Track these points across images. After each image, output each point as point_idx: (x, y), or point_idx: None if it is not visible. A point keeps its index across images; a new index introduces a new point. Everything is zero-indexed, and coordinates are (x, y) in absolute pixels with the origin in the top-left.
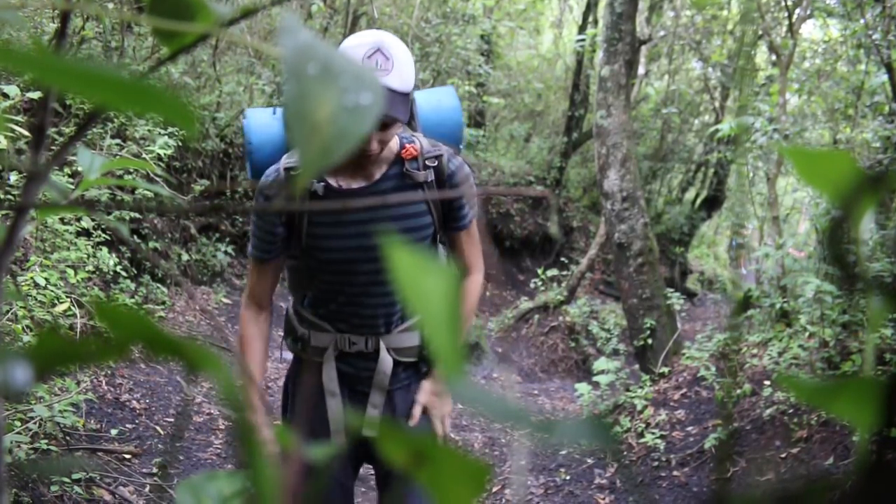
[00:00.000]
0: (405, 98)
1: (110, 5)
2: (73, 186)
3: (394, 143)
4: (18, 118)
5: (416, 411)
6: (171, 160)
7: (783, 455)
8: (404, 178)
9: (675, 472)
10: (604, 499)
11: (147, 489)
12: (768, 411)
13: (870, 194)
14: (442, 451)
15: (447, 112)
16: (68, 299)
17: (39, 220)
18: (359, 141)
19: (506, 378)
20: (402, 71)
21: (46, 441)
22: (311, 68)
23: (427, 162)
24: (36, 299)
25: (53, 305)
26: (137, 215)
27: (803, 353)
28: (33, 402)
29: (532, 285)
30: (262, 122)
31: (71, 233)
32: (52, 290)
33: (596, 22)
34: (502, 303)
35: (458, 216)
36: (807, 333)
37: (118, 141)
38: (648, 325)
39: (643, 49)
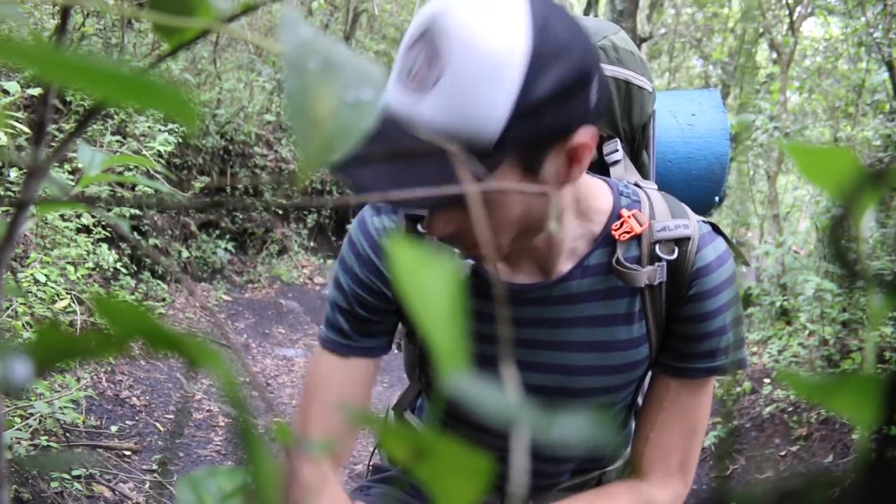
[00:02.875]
0: (486, 158)
1: (111, 1)
2: (73, 183)
3: (601, 203)
4: (19, 114)
5: None
6: (172, 157)
7: (783, 453)
8: (611, 277)
9: None
10: None
11: (147, 486)
12: (768, 409)
13: (871, 192)
14: (442, 446)
15: (706, 139)
16: (68, 296)
17: (39, 216)
18: (358, 138)
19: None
20: (464, 83)
21: (46, 437)
22: (312, 63)
23: (658, 248)
24: (36, 296)
25: (53, 302)
26: (137, 212)
27: (803, 350)
28: (33, 398)
29: None
30: None
31: (71, 229)
32: (52, 287)
33: None
34: None
35: (686, 351)
36: (807, 331)
37: (118, 137)
38: None
39: (644, 46)
